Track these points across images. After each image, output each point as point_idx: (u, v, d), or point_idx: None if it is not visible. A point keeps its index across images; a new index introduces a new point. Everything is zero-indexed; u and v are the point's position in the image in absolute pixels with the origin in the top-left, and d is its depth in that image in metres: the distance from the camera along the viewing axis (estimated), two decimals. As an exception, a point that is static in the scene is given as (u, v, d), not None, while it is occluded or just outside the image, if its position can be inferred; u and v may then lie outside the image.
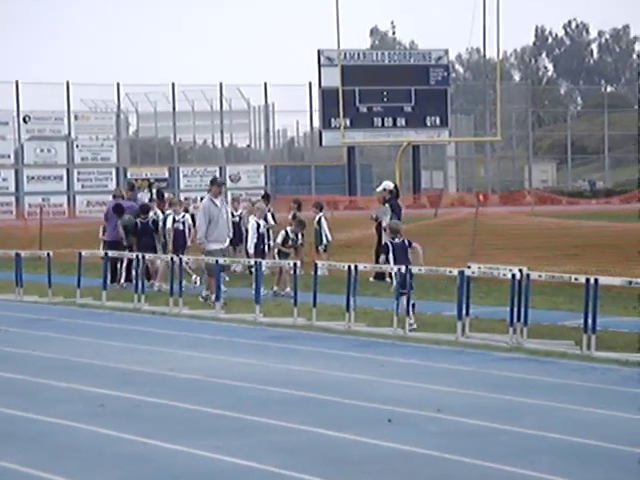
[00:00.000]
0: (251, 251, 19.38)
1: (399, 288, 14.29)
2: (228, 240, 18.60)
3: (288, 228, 19.63)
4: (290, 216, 21.12)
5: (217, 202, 18.24)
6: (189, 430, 8.65)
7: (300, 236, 21.11)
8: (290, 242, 19.49)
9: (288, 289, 18.47)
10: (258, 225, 19.54)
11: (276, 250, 19.36)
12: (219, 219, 18.05)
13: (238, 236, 21.77)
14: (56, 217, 52.30)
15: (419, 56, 64.41)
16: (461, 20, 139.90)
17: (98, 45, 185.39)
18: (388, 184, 22.32)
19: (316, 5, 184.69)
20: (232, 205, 23.00)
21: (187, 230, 20.52)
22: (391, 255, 14.95)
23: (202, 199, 20.86)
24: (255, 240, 19.41)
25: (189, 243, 20.51)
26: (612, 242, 22.25)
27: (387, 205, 21.37)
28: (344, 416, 9.14)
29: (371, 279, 20.76)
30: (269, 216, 21.63)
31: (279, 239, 19.39)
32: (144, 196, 25.72)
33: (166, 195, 25.66)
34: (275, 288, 18.73)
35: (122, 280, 20.91)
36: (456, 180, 71.70)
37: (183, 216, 20.60)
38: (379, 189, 22.29)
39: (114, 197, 23.35)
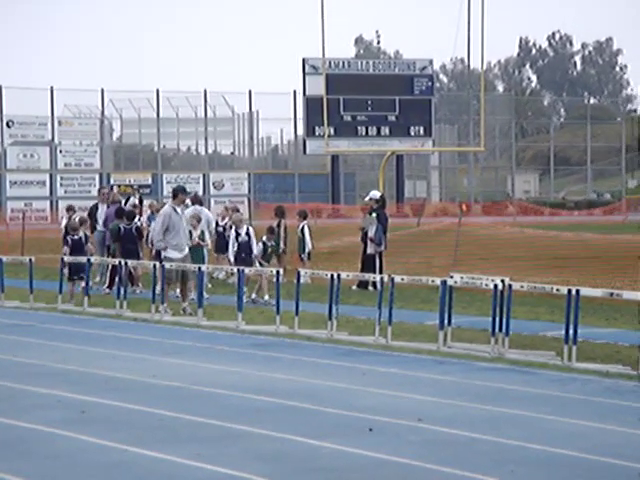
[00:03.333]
0: (231, 259, 19.52)
1: (69, 274, 18.64)
2: (187, 249, 18.37)
3: (264, 237, 19.91)
4: (275, 224, 21.23)
5: (178, 210, 18.19)
6: (170, 437, 8.64)
7: (282, 243, 21.33)
8: (269, 248, 19.85)
9: (267, 297, 18.52)
10: (237, 234, 19.65)
11: (257, 262, 19.48)
12: (179, 227, 17.95)
13: (223, 244, 21.77)
14: (38, 222, 52.14)
15: (403, 66, 64.57)
16: (446, 30, 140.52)
17: (82, 50, 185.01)
18: (375, 194, 22.50)
19: (301, 14, 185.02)
20: (222, 213, 23.20)
21: None
22: (67, 248, 19.24)
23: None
24: (235, 249, 19.49)
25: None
26: (594, 254, 22.36)
27: (373, 215, 21.51)
28: (325, 425, 9.15)
29: (354, 287, 20.80)
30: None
31: (256, 251, 19.57)
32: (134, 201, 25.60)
33: (145, 202, 25.62)
34: (254, 296, 18.78)
35: (105, 286, 20.88)
36: (439, 190, 71.85)
37: None
38: (366, 199, 22.57)
39: (111, 204, 22.99)
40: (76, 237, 19.49)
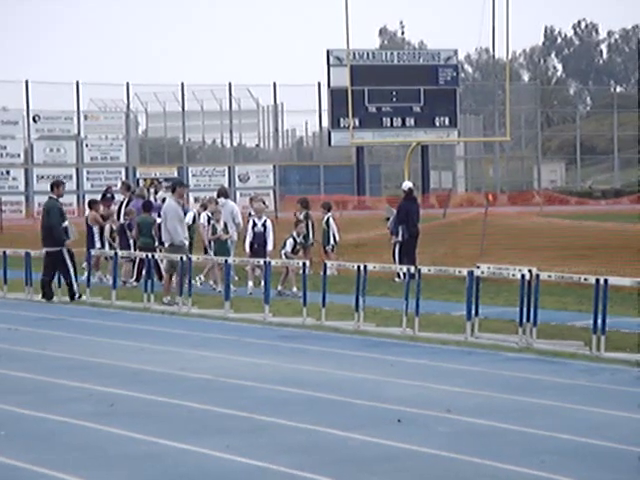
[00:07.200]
0: (247, 248, 19.62)
1: None
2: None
3: (294, 233, 19.84)
4: (302, 216, 21.19)
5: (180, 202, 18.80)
6: (199, 430, 8.68)
7: (311, 236, 21.34)
8: (298, 246, 19.84)
9: (295, 289, 18.54)
10: (254, 224, 19.71)
11: (284, 256, 19.44)
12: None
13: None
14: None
15: (428, 56, 64.38)
16: (470, 20, 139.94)
17: (108, 45, 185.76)
18: (404, 185, 22.56)
19: (325, 5, 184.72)
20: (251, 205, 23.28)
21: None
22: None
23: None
24: (251, 239, 19.55)
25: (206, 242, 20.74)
26: (622, 243, 22.24)
27: (391, 209, 21.80)
28: (354, 416, 9.16)
29: (396, 279, 20.49)
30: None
31: (288, 247, 19.58)
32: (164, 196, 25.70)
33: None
34: (280, 287, 18.79)
35: (132, 279, 20.99)
36: (465, 180, 71.62)
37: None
38: None
39: (136, 197, 23.04)
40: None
